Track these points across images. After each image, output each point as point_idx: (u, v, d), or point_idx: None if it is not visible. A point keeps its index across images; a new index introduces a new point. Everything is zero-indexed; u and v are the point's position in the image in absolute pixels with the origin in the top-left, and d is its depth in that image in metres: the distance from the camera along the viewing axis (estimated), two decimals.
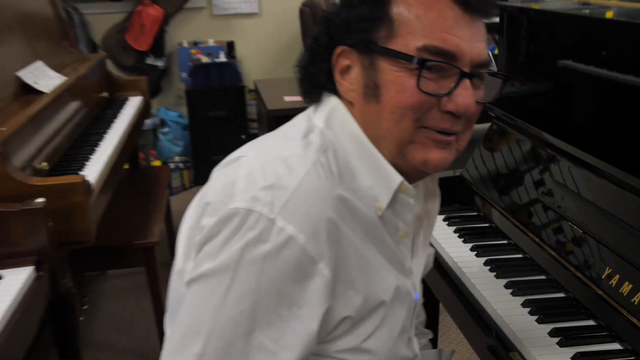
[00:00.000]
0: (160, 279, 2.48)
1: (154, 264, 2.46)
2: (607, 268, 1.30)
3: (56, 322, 1.84)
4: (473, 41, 0.89)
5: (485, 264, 1.54)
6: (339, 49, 0.94)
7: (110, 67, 3.79)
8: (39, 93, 2.36)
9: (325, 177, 0.89)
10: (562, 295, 1.41)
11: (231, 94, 4.27)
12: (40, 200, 1.70)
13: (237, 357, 0.84)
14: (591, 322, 1.30)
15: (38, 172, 2.00)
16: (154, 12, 4.18)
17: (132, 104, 3.14)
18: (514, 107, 1.90)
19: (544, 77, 1.79)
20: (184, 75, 4.37)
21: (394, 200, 0.95)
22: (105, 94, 3.12)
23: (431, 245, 1.49)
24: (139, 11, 4.18)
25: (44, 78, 2.47)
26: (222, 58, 4.25)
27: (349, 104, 0.95)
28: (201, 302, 0.86)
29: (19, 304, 1.53)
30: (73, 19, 4.04)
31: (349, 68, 0.94)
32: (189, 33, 4.47)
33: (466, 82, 0.89)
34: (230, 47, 4.38)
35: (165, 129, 4.39)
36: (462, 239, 1.68)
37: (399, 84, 0.88)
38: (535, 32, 1.81)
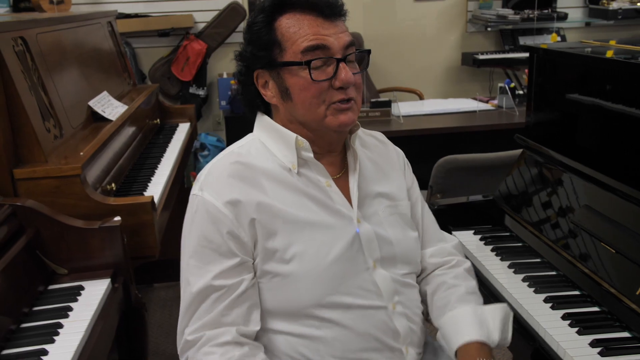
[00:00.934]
0: None
1: None
2: None
3: (126, 331, 1.88)
4: (337, 34, 1.19)
5: (524, 280, 1.57)
6: (255, 73, 1.24)
7: None
8: (104, 120, 2.43)
9: (229, 157, 1.24)
10: (596, 309, 1.43)
11: None
12: (117, 218, 1.76)
13: (186, 276, 1.20)
14: (626, 334, 1.33)
15: (107, 193, 2.06)
16: (198, 46, 4.27)
17: (182, 130, 3.21)
18: (541, 135, 1.95)
19: (569, 108, 1.83)
20: (223, 103, 4.44)
21: (303, 160, 1.24)
22: (157, 121, 3.19)
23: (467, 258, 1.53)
24: (184, 45, 4.27)
25: (110, 107, 2.54)
26: None
27: (276, 107, 1.26)
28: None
29: (100, 314, 1.58)
30: (126, 52, 4.15)
31: (267, 82, 1.24)
32: (229, 65, 4.55)
33: (342, 64, 1.19)
34: None
35: (205, 152, 4.45)
36: (500, 257, 1.71)
37: (299, 84, 1.19)
38: (559, 70, 1.85)
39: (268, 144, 1.27)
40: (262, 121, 1.31)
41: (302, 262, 1.19)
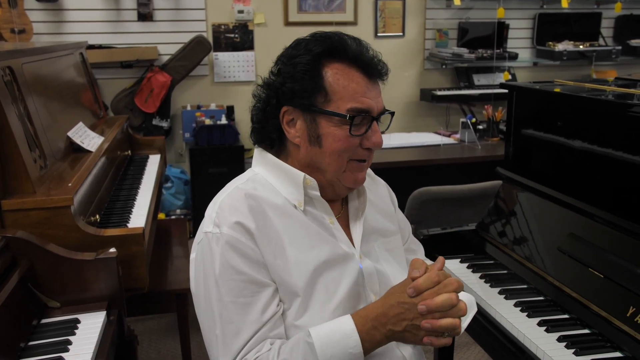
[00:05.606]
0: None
1: (186, 308, 2.47)
2: (631, 307, 1.42)
3: None
4: (377, 98, 1.24)
5: (516, 305, 1.65)
6: (284, 108, 1.24)
7: None
8: (81, 150, 2.40)
9: (238, 190, 1.24)
10: (587, 331, 1.51)
11: (231, 152, 4.34)
12: (112, 250, 1.73)
13: (221, 315, 1.16)
14: (619, 354, 1.41)
15: (91, 224, 2.02)
16: (163, 78, 4.26)
17: (153, 162, 3.18)
18: (521, 167, 2.05)
19: (543, 140, 1.95)
20: (187, 135, 4.44)
21: (309, 197, 1.27)
22: (128, 152, 3.16)
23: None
24: (148, 77, 4.26)
25: (87, 138, 2.51)
26: (224, 120, 4.34)
27: (294, 147, 1.26)
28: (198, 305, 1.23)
29: (99, 347, 1.54)
30: (96, 83, 4.10)
31: (294, 120, 1.24)
32: (192, 97, 4.56)
33: (375, 125, 1.24)
34: (230, 111, 4.48)
35: (169, 184, 4.41)
36: (489, 284, 1.78)
37: (335, 135, 1.22)
38: (537, 106, 1.97)
39: (272, 180, 1.28)
40: (263, 158, 1.31)
41: (313, 312, 1.20)
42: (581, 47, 5.00)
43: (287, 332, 1.20)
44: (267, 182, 1.28)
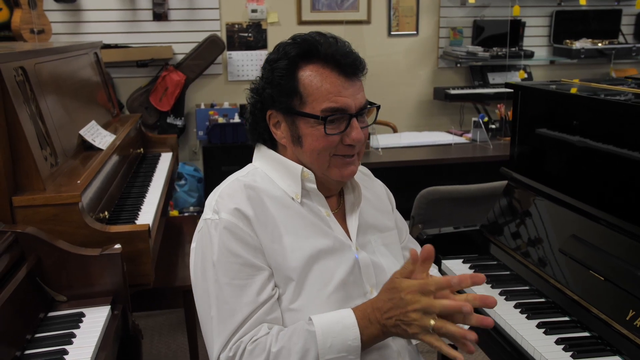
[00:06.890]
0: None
1: (194, 305, 2.49)
2: (631, 310, 1.42)
3: (122, 358, 1.86)
4: (355, 95, 1.26)
5: (515, 306, 1.65)
6: (269, 112, 1.30)
7: None
8: (93, 148, 2.45)
9: (238, 182, 1.30)
10: (587, 334, 1.51)
11: (244, 150, 4.34)
12: (117, 246, 1.77)
13: (217, 296, 1.20)
14: (618, 358, 1.40)
15: (100, 221, 2.06)
16: (177, 77, 4.31)
17: (165, 160, 3.22)
18: (525, 168, 2.05)
19: (548, 140, 1.94)
20: (201, 133, 4.48)
21: (306, 190, 1.31)
22: (140, 150, 3.20)
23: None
24: (163, 76, 4.31)
25: (99, 136, 2.55)
26: (237, 119, 4.38)
27: (283, 146, 1.33)
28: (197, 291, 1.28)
29: (102, 340, 1.58)
30: (111, 82, 4.16)
31: (279, 122, 1.31)
32: (206, 96, 4.61)
33: (354, 120, 1.26)
34: (243, 109, 4.52)
35: (182, 182, 4.46)
36: (490, 285, 1.78)
37: (313, 135, 1.26)
38: (543, 106, 1.96)
39: (271, 174, 1.33)
40: (263, 153, 1.37)
41: (307, 296, 1.24)
42: (600, 44, 4.94)
43: (283, 317, 1.24)
44: (266, 175, 1.33)
